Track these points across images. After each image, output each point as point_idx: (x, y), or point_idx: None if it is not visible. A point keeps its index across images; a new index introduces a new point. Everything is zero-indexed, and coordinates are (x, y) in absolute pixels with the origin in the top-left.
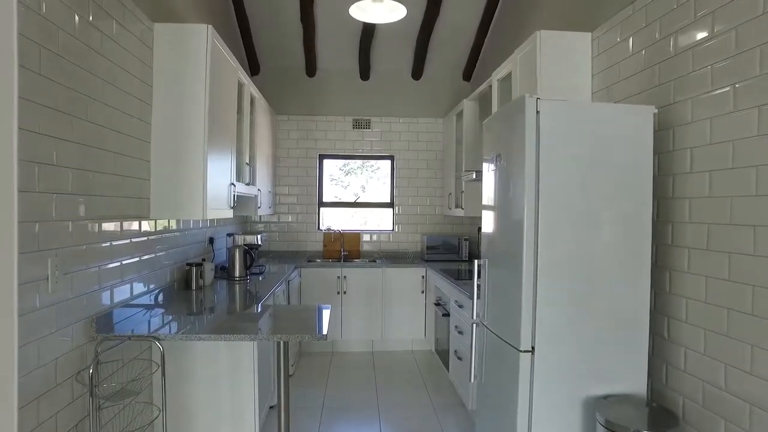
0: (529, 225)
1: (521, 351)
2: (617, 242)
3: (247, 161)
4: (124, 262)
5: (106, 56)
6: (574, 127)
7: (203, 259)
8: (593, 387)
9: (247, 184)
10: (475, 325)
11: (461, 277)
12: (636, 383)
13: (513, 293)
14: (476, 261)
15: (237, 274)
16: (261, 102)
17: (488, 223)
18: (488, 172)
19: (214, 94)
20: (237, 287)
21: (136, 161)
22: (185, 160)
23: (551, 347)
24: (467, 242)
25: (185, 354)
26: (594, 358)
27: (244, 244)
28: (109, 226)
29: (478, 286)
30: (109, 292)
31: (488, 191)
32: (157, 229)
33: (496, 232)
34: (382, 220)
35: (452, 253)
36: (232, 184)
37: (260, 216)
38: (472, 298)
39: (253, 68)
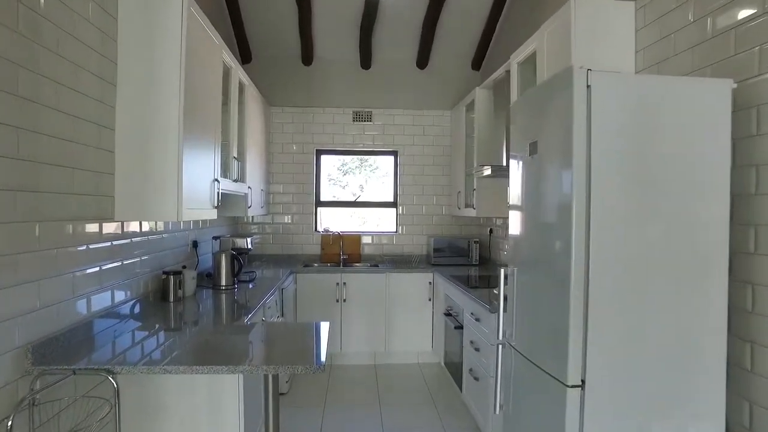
0: (579, 228)
1: (569, 386)
2: (686, 250)
3: (235, 155)
4: (77, 274)
5: (52, 21)
6: (633, 105)
7: (184, 266)
8: (658, 430)
9: (235, 181)
10: (500, 346)
11: (474, 284)
12: (711, 426)
13: (556, 312)
14: (501, 269)
15: (223, 282)
16: (252, 90)
17: (518, 224)
18: (518, 164)
19: (192, 74)
20: (223, 298)
21: (95, 152)
22: (156, 152)
23: (606, 381)
24: (478, 245)
25: (154, 382)
26: (658, 395)
27: (232, 249)
28: (55, 230)
29: (505, 298)
30: (55, 310)
31: (517, 188)
32: (125, 231)
33: (529, 236)
34: (381, 221)
35: (461, 256)
36: (216, 180)
37: (252, 217)
38: (497, 312)
39: (244, 56)
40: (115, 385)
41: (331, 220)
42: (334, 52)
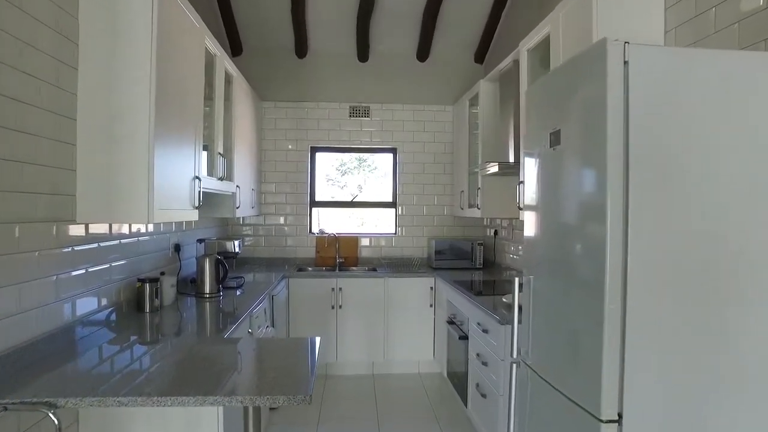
0: (615, 229)
1: (603, 421)
2: (746, 251)
3: (221, 151)
4: (26, 284)
5: None
6: (681, 85)
7: (162, 273)
8: None
9: (221, 179)
10: (515, 365)
11: (478, 290)
12: None
13: (585, 331)
14: (516, 276)
15: (207, 289)
16: (241, 83)
17: (534, 226)
18: (535, 158)
19: (166, 59)
20: (206, 307)
21: (52, 144)
22: (125, 145)
23: (649, 416)
24: (481, 247)
25: (118, 409)
26: None
27: (218, 252)
28: None
29: (520, 309)
30: None
31: (533, 185)
32: (90, 234)
33: (549, 239)
34: (380, 222)
35: (464, 259)
36: (197, 178)
37: (242, 218)
38: (509, 325)
39: (234, 48)
40: (56, 422)
41: (328, 221)
42: (329, 44)
